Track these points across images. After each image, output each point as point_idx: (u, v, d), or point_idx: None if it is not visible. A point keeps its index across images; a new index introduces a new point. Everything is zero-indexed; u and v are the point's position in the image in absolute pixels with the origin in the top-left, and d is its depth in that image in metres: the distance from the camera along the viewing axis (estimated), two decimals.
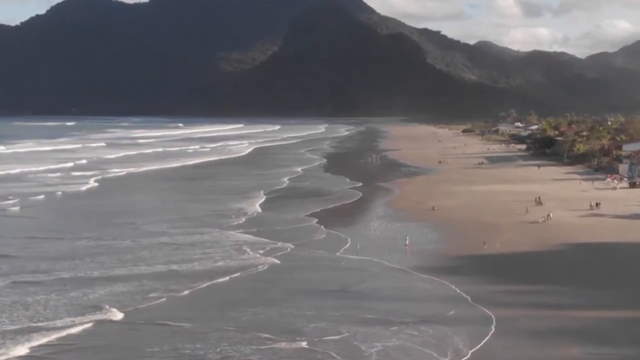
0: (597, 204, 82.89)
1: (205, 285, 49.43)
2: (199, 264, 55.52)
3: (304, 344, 37.65)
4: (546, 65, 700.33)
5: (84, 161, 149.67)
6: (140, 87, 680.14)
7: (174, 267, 54.50)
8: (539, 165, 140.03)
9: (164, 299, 46.09)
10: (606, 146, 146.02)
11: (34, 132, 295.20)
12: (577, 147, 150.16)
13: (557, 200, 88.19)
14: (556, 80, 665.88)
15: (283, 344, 37.53)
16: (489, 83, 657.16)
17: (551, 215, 74.67)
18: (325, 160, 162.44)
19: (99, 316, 42.46)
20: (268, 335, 38.72)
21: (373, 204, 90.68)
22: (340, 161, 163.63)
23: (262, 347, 37.28)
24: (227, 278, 51.15)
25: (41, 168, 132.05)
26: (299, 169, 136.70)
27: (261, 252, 59.53)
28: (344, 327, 39.89)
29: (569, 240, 64.57)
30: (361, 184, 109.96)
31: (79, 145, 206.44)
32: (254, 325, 40.65)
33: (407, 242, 62.15)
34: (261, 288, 48.85)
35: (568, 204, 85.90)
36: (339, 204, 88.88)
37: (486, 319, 41.12)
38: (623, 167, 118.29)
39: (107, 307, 44.15)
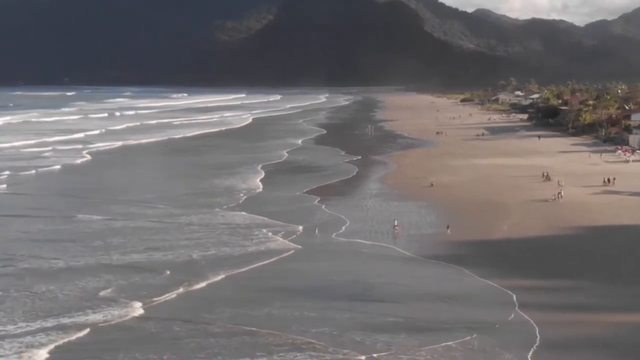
0: (609, 180, 76.42)
1: (223, 276, 44.05)
2: (207, 249, 50.34)
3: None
4: (545, 33, 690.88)
5: (85, 134, 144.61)
6: (133, 56, 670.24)
7: (172, 253, 49.12)
8: (539, 136, 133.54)
9: (175, 295, 40.76)
10: (614, 115, 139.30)
11: (37, 102, 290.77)
12: (583, 116, 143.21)
13: (566, 175, 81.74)
14: (555, 48, 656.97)
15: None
16: (487, 51, 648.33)
17: (562, 193, 68.16)
18: (324, 132, 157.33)
19: (65, 320, 36.39)
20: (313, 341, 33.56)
21: (369, 180, 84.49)
22: (338, 132, 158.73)
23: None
24: (245, 268, 45.80)
25: (41, 140, 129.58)
26: (299, 141, 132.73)
27: (280, 235, 54.32)
28: (358, 335, 34.09)
29: (583, 222, 58.27)
30: (359, 157, 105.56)
31: (82, 116, 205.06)
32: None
33: (396, 224, 56.22)
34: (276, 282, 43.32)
35: (578, 179, 79.60)
36: (336, 180, 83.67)
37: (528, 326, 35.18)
38: (634, 138, 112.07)
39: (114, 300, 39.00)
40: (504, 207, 64.32)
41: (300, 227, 56.70)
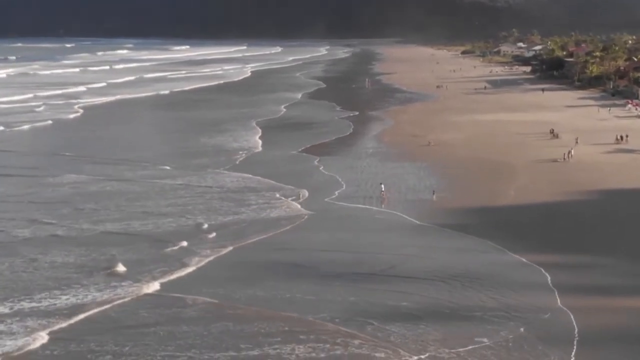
0: (622, 137, 71.67)
1: (229, 249, 40.17)
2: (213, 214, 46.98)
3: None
4: None
5: (85, 87, 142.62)
6: (129, 7, 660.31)
7: (170, 220, 45.69)
8: (543, 89, 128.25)
9: (193, 268, 37.02)
10: (622, 67, 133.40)
11: (38, 54, 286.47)
12: (590, 69, 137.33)
13: (574, 131, 76.60)
14: None
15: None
16: (487, 2, 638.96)
17: (572, 152, 63.35)
18: (323, 85, 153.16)
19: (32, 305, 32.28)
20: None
21: (366, 139, 79.61)
22: (337, 86, 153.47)
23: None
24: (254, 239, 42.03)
25: (36, 94, 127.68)
26: (298, 95, 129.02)
27: (289, 199, 50.66)
28: (371, 322, 29.63)
29: (597, 185, 53.66)
30: (356, 112, 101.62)
31: (83, 69, 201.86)
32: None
33: (383, 190, 51.86)
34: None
35: (588, 136, 74.64)
36: (333, 138, 79.52)
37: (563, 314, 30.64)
38: None
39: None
40: (510, 168, 59.78)
41: (305, 191, 52.89)
